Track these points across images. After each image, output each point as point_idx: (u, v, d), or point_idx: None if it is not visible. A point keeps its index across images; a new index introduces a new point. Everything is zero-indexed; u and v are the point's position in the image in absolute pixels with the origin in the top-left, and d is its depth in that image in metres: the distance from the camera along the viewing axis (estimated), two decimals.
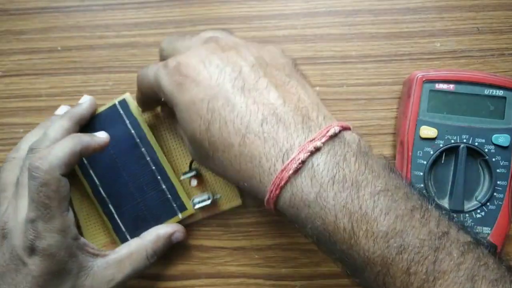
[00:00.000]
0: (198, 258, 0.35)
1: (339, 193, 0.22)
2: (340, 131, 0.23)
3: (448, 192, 0.33)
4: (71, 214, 0.29)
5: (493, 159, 0.32)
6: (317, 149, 0.22)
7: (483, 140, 0.32)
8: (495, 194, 0.32)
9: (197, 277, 0.35)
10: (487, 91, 0.32)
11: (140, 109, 0.34)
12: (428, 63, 0.36)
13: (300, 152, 0.22)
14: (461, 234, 0.22)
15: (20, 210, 0.28)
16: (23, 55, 0.37)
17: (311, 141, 0.23)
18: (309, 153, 0.22)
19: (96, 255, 0.30)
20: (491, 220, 0.32)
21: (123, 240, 0.33)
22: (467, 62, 0.36)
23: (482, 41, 0.36)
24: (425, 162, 0.32)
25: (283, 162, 0.23)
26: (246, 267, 0.35)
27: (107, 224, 0.34)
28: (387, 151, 0.36)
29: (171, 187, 0.34)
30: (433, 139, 0.32)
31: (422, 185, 0.32)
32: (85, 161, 0.33)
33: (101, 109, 0.34)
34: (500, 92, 0.32)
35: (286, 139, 0.23)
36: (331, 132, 0.23)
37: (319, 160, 0.22)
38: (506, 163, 0.32)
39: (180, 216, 0.34)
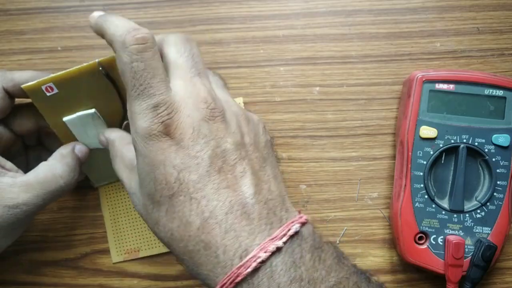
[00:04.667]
0: None
1: None
2: (300, 227, 0.23)
3: (448, 192, 0.33)
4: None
5: (493, 159, 0.32)
6: (278, 249, 0.22)
7: (483, 140, 0.32)
8: (495, 194, 0.32)
9: None
10: (487, 91, 0.32)
11: None
12: (428, 63, 0.36)
13: (260, 250, 0.22)
14: None
15: None
16: (23, 55, 0.37)
17: (272, 239, 0.22)
18: (270, 253, 0.22)
19: (4, 174, 0.28)
20: (491, 220, 0.32)
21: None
22: (467, 62, 0.36)
23: (482, 41, 0.36)
24: (425, 162, 0.32)
25: (241, 258, 0.22)
26: None
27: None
28: (387, 151, 0.36)
29: None
30: (433, 139, 0.32)
31: (422, 185, 0.32)
32: None
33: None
34: (500, 92, 0.32)
35: (248, 234, 0.22)
36: (292, 231, 0.23)
37: (277, 259, 0.22)
38: (506, 163, 0.32)
39: None
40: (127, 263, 0.36)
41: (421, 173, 0.32)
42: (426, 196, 0.32)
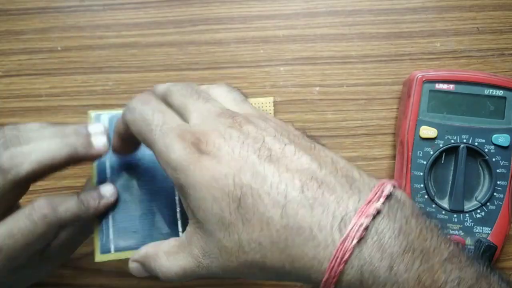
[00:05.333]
0: None
1: (410, 265, 0.19)
2: (393, 190, 0.21)
3: (448, 192, 0.33)
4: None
5: (493, 159, 0.32)
6: (378, 212, 0.19)
7: (483, 140, 0.32)
8: (495, 194, 0.32)
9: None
10: (487, 91, 0.32)
11: None
12: (428, 63, 0.36)
13: (360, 216, 0.19)
14: None
15: None
16: (23, 55, 0.37)
17: (368, 202, 0.20)
18: (371, 217, 0.19)
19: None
20: (491, 220, 0.32)
21: (104, 248, 0.28)
22: (467, 62, 0.36)
23: (482, 41, 0.36)
24: (425, 162, 0.32)
25: (340, 231, 0.19)
26: None
27: (94, 223, 0.28)
28: (387, 151, 0.36)
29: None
30: (433, 139, 0.32)
31: (422, 185, 0.32)
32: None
33: None
34: (500, 92, 0.32)
35: (337, 203, 0.20)
36: (386, 191, 0.20)
37: (382, 225, 0.19)
38: (506, 163, 0.32)
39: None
40: (127, 263, 0.36)
41: (421, 173, 0.32)
42: (426, 196, 0.32)
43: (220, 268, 0.22)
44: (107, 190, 0.28)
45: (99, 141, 0.26)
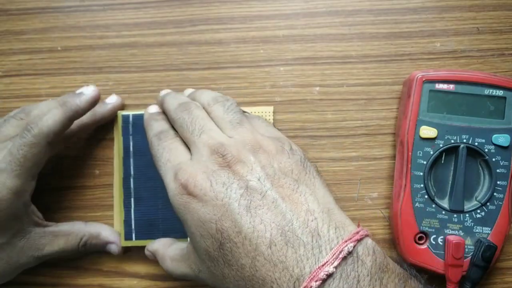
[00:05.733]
0: None
1: None
2: (353, 247, 0.22)
3: (448, 192, 0.33)
4: (34, 183, 0.31)
5: (493, 159, 0.32)
6: (329, 275, 0.21)
7: (483, 140, 0.32)
8: (495, 194, 0.32)
9: None
10: (487, 91, 0.32)
11: None
12: (428, 63, 0.36)
13: (311, 279, 0.21)
14: None
15: None
16: (23, 55, 0.37)
17: (323, 265, 0.21)
18: (321, 281, 0.21)
19: (38, 224, 0.32)
20: (491, 220, 0.32)
21: (128, 236, 0.34)
22: (467, 62, 0.36)
23: (482, 41, 0.36)
24: (425, 162, 0.32)
25: None
26: None
27: (120, 214, 0.35)
28: (387, 151, 0.36)
29: None
30: (433, 139, 0.32)
31: (422, 185, 0.32)
32: (131, 148, 0.35)
33: None
34: (500, 92, 0.32)
35: (296, 263, 0.22)
36: (344, 253, 0.22)
37: (331, 287, 0.21)
38: (506, 163, 0.32)
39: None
40: (127, 263, 0.36)
41: (421, 173, 0.32)
42: (426, 196, 0.32)
43: (212, 284, 0.26)
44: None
45: (87, 89, 0.33)
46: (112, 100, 0.35)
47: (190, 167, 0.26)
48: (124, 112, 0.35)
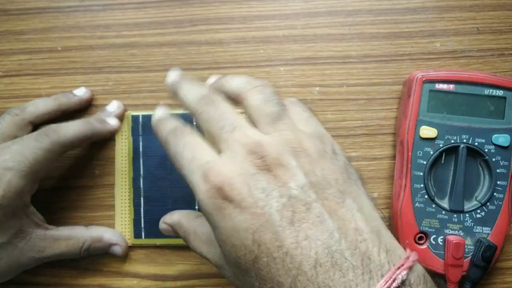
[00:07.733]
0: (198, 258, 0.35)
1: None
2: (407, 275, 0.20)
3: (448, 192, 0.33)
4: (36, 186, 0.32)
5: (493, 159, 0.32)
6: None
7: (483, 140, 0.32)
8: (495, 194, 0.32)
9: (197, 277, 0.35)
10: (487, 91, 0.32)
11: None
12: (428, 63, 0.36)
13: None
14: None
15: (3, 155, 0.30)
16: (23, 55, 0.37)
17: None
18: None
19: (39, 226, 0.32)
20: (491, 220, 0.32)
21: (137, 234, 0.35)
22: (467, 62, 0.36)
23: (482, 41, 0.36)
24: (425, 162, 0.32)
25: None
26: None
27: (130, 214, 0.35)
28: (387, 151, 0.36)
29: None
30: (433, 139, 0.32)
31: (422, 185, 0.32)
32: (141, 149, 0.35)
33: (180, 111, 0.35)
34: (500, 92, 0.32)
35: None
36: (397, 282, 0.20)
37: None
38: (506, 163, 0.32)
39: None
40: (127, 263, 0.36)
41: (421, 173, 0.32)
42: (426, 196, 0.32)
43: (237, 287, 0.24)
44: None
45: (111, 121, 0.35)
46: (80, 93, 0.36)
47: (223, 166, 0.23)
48: (134, 113, 0.36)
